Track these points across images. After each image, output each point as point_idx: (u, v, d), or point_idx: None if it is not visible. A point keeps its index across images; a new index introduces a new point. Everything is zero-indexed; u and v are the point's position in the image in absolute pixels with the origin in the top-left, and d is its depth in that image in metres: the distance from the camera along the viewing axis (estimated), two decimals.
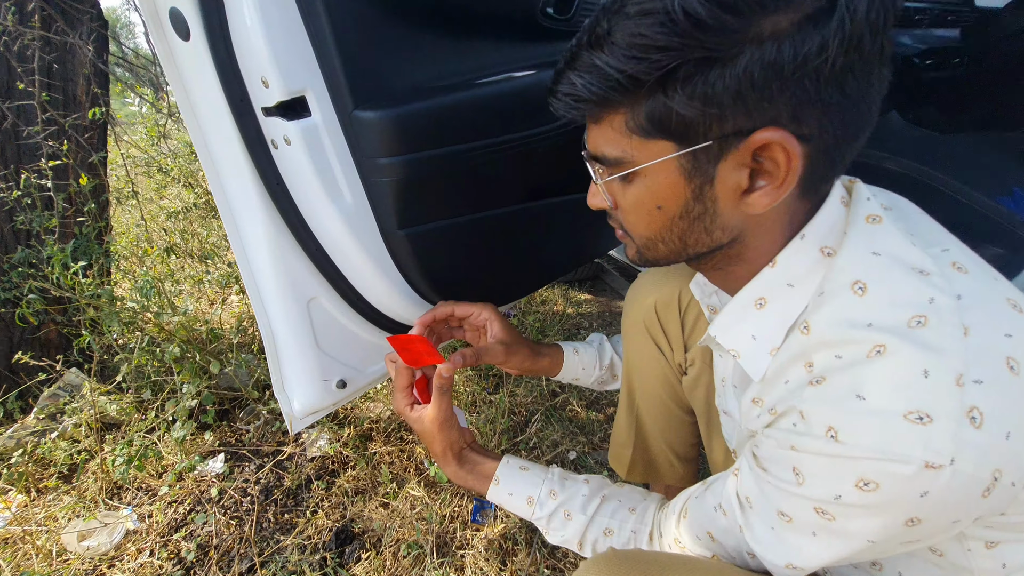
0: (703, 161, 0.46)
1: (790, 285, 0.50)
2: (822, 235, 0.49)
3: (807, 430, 0.45)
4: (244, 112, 0.70)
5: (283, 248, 0.81)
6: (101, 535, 1.20)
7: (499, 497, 0.76)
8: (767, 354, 0.52)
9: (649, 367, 0.91)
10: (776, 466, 0.49)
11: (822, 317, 0.47)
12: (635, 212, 0.53)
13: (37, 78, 1.26)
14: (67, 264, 1.22)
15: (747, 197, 0.47)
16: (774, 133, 0.43)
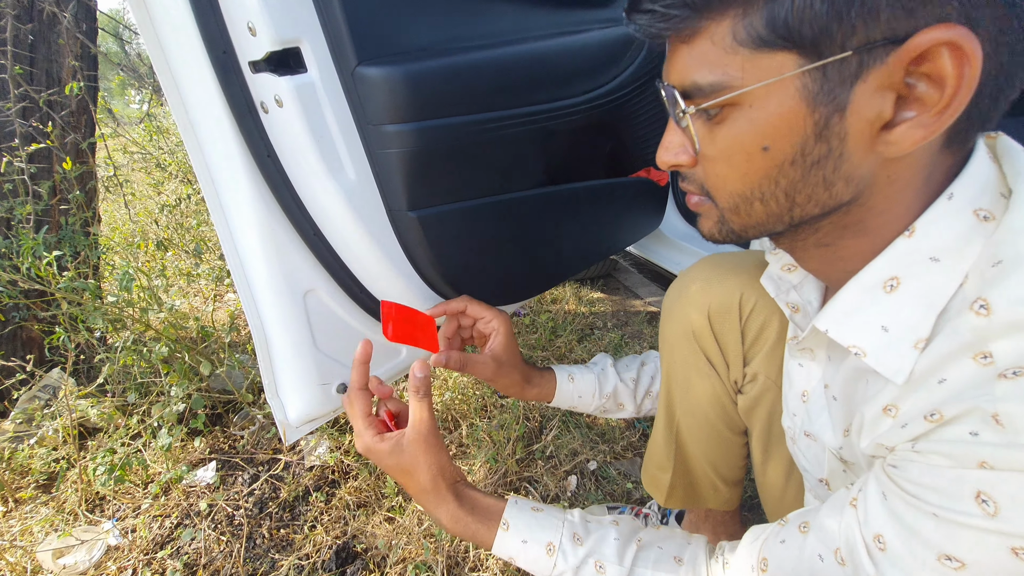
0: (835, 81, 0.35)
1: (934, 259, 0.38)
2: (974, 195, 0.38)
3: (1007, 439, 0.32)
4: (228, 68, 0.59)
5: (275, 232, 0.70)
6: (80, 552, 1.09)
7: (509, 547, 0.61)
8: (910, 348, 0.39)
9: (696, 383, 0.78)
10: (941, 493, 0.36)
11: (1009, 289, 0.34)
12: (729, 159, 0.41)
13: (10, 49, 1.15)
14: (39, 253, 1.12)
15: (888, 134, 0.36)
16: (947, 31, 0.32)
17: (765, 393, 0.71)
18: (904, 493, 0.39)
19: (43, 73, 1.29)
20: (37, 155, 1.33)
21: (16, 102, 1.19)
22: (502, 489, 1.20)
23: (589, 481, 1.22)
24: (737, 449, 0.84)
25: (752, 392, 0.73)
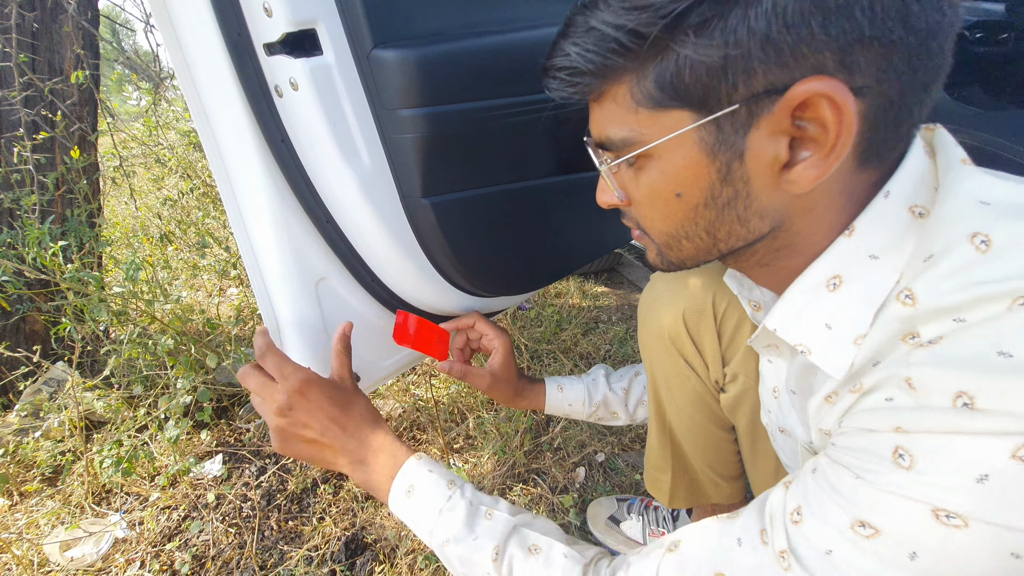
0: (728, 131, 0.38)
1: (873, 257, 0.39)
2: (909, 191, 0.39)
3: (919, 401, 0.33)
4: (242, 51, 0.59)
5: (288, 219, 0.69)
6: (87, 544, 1.09)
7: (416, 472, 0.59)
8: (850, 344, 0.40)
9: (678, 385, 0.80)
10: (860, 454, 0.36)
11: (933, 280, 0.35)
12: (650, 204, 0.45)
13: (15, 37, 1.14)
14: (45, 244, 1.11)
15: (788, 173, 0.38)
16: (818, 83, 0.34)
17: (747, 391, 0.72)
18: (829, 462, 0.39)
19: (45, 63, 1.28)
20: (41, 146, 1.32)
21: (20, 91, 1.18)
22: (510, 481, 1.19)
23: (597, 473, 1.22)
24: (729, 445, 0.85)
25: (734, 391, 0.74)
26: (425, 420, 1.36)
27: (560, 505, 1.13)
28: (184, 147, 3.39)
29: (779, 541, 0.40)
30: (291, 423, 0.61)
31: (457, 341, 0.85)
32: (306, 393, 0.60)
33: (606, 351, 1.65)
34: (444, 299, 0.83)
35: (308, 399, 0.61)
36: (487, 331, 0.82)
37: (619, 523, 1.08)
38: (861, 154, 0.38)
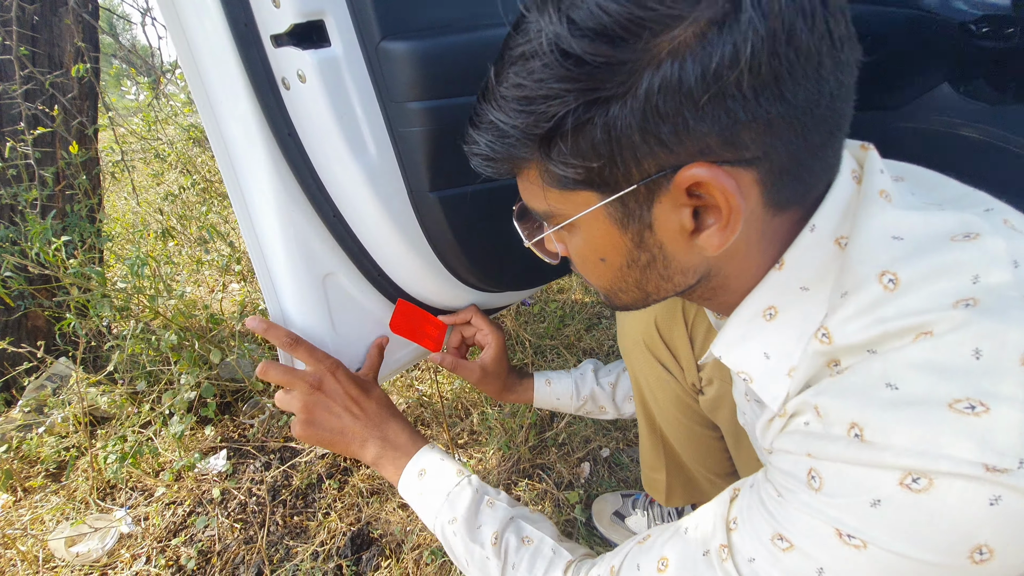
0: (633, 206, 0.39)
1: (804, 288, 0.41)
2: (835, 222, 0.39)
3: (824, 430, 0.36)
4: (249, 42, 0.58)
5: (295, 214, 0.69)
6: (92, 540, 1.09)
7: (429, 458, 0.66)
8: (784, 375, 0.42)
9: (658, 389, 0.81)
10: (785, 473, 0.39)
11: (845, 318, 0.37)
12: (581, 265, 0.48)
13: (15, 30, 1.13)
14: (49, 239, 1.10)
15: (696, 238, 0.40)
16: (700, 170, 0.35)
17: (723, 395, 0.73)
18: (763, 477, 0.42)
19: (45, 56, 1.26)
20: (40, 140, 1.31)
21: (21, 84, 1.16)
22: (515, 476, 1.19)
23: (602, 468, 1.22)
24: (716, 443, 0.85)
25: (711, 393, 0.75)
26: (429, 416, 1.36)
27: (566, 501, 1.13)
28: (184, 142, 3.37)
29: (720, 537, 0.44)
30: (318, 402, 0.67)
31: (453, 338, 0.86)
32: (336, 374, 0.68)
33: (609, 347, 1.65)
34: (450, 294, 0.83)
35: (337, 380, 0.67)
36: (482, 327, 0.84)
37: (624, 519, 1.08)
38: (773, 205, 0.39)
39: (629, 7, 0.31)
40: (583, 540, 1.06)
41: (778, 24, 0.31)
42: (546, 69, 0.34)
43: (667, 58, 0.32)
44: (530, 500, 1.14)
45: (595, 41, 0.32)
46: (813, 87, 0.33)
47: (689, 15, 0.31)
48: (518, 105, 0.37)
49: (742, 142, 0.35)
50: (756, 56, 0.31)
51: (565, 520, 1.10)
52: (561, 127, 0.36)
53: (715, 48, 0.31)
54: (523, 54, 0.36)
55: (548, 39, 0.34)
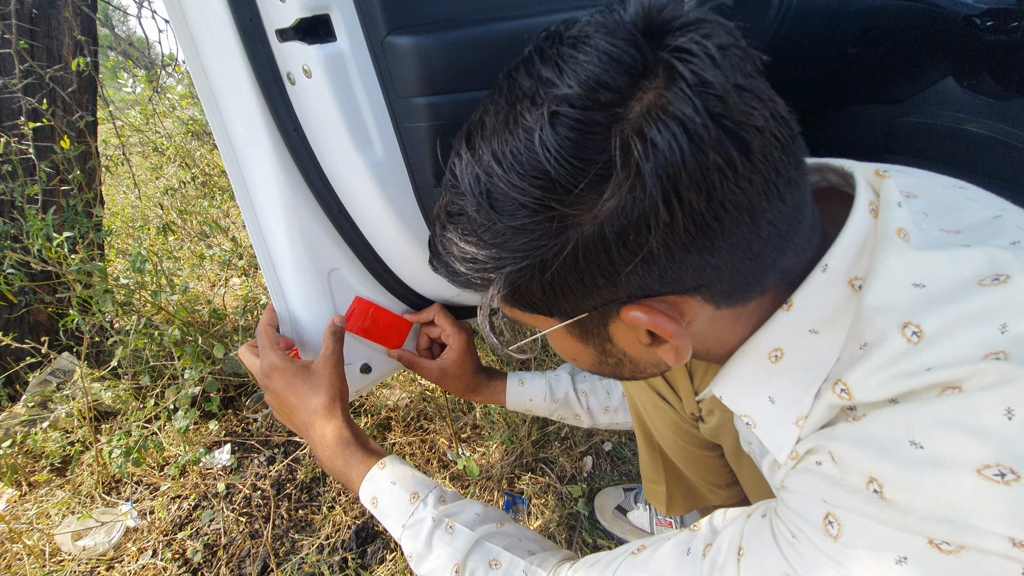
0: (590, 327, 0.41)
1: (813, 332, 0.39)
2: (849, 262, 0.37)
3: (840, 477, 0.34)
4: (254, 36, 0.57)
5: (300, 209, 0.68)
6: (98, 534, 1.09)
7: (378, 484, 0.61)
8: (792, 425, 0.40)
9: (657, 416, 0.80)
10: (797, 517, 0.37)
11: (866, 372, 0.34)
12: (563, 356, 0.49)
13: (14, 23, 1.11)
14: (50, 235, 1.10)
15: (656, 348, 0.40)
16: (636, 313, 0.36)
17: (724, 423, 0.71)
18: (774, 514, 0.40)
19: (44, 50, 1.25)
20: (40, 135, 1.30)
21: (20, 78, 1.15)
22: (519, 470, 1.20)
23: (605, 462, 1.23)
24: (717, 461, 0.84)
25: (712, 423, 0.73)
26: (432, 410, 1.36)
27: (568, 495, 1.14)
28: (182, 135, 3.35)
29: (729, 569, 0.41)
30: (269, 398, 0.67)
31: (421, 339, 0.84)
32: (271, 376, 0.66)
33: None
34: (455, 290, 0.83)
35: (273, 382, 0.66)
36: (445, 326, 0.80)
37: (626, 513, 1.09)
38: (737, 304, 0.38)
39: (539, 194, 0.32)
40: (587, 533, 1.07)
41: (691, 188, 0.30)
42: (475, 233, 0.36)
43: (589, 223, 0.33)
44: (533, 494, 1.15)
45: (516, 213, 0.33)
46: (749, 227, 0.32)
47: (600, 192, 0.31)
48: (454, 263, 0.39)
49: (680, 280, 0.35)
50: (672, 220, 0.31)
51: (568, 513, 1.11)
52: (498, 280, 0.37)
53: (629, 215, 0.31)
54: (452, 211, 0.37)
55: (472, 201, 0.35)
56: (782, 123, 0.32)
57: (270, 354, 0.67)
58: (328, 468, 0.64)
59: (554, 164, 0.31)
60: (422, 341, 0.84)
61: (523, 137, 0.32)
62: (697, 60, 0.29)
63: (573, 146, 0.31)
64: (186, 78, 3.41)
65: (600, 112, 0.30)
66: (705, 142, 0.29)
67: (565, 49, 0.32)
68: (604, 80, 0.30)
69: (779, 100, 0.33)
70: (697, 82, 0.29)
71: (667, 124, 0.29)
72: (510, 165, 0.33)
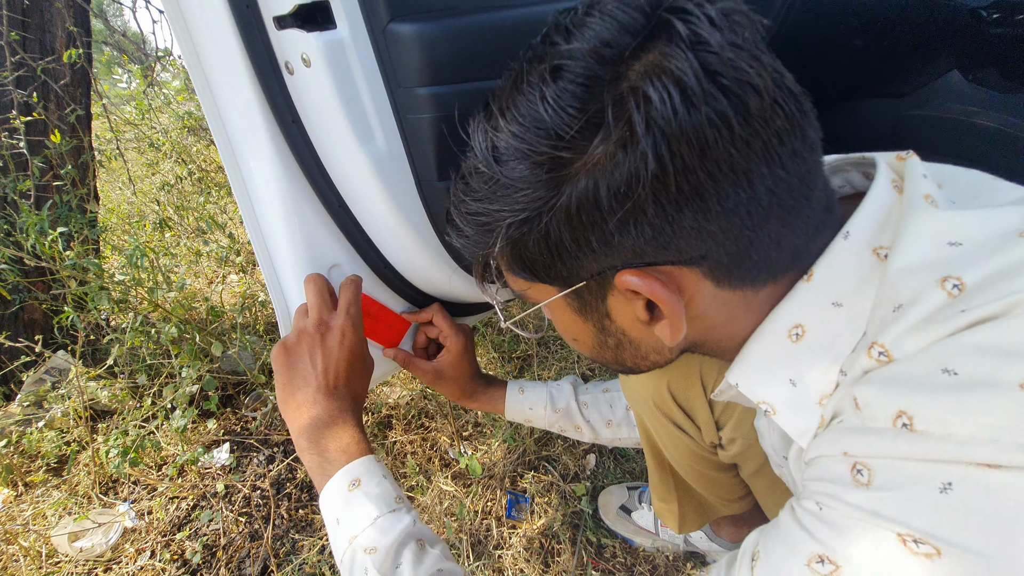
0: (588, 298, 0.41)
1: (836, 304, 0.36)
2: (873, 232, 0.36)
3: (864, 423, 0.32)
4: (251, 24, 0.55)
5: (299, 203, 0.67)
6: (96, 535, 1.08)
7: (370, 471, 0.56)
8: (815, 405, 0.38)
9: (671, 443, 0.77)
10: (821, 482, 0.34)
11: (903, 331, 0.32)
12: (565, 335, 0.49)
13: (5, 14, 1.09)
14: (44, 231, 1.07)
15: (654, 327, 0.39)
16: (630, 277, 0.36)
17: (747, 449, 0.69)
18: (796, 500, 0.37)
19: (36, 42, 1.23)
20: (32, 129, 1.27)
21: (12, 71, 1.13)
22: (521, 468, 1.19)
23: (608, 460, 1.22)
24: (733, 480, 0.82)
25: (733, 450, 0.71)
26: (434, 408, 1.35)
27: (572, 493, 1.13)
28: (178, 131, 3.31)
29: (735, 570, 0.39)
30: (312, 341, 0.61)
31: (419, 335, 0.82)
32: (347, 335, 0.62)
33: None
34: (458, 288, 0.81)
35: (345, 339, 0.62)
36: (444, 327, 0.79)
37: (630, 513, 1.08)
38: (745, 287, 0.37)
39: (535, 140, 0.33)
40: (591, 532, 1.06)
41: (682, 141, 0.30)
42: (481, 188, 0.37)
43: (583, 176, 0.33)
44: (536, 492, 1.13)
45: (515, 164, 0.34)
46: (746, 192, 0.32)
47: (592, 141, 0.32)
48: (467, 217, 0.40)
49: (676, 246, 0.34)
50: (663, 174, 0.31)
51: (572, 512, 1.09)
52: (497, 243, 0.39)
53: (620, 168, 0.31)
54: (465, 172, 0.39)
55: (479, 157, 0.36)
56: (788, 94, 0.32)
57: (360, 321, 0.64)
58: (315, 427, 0.58)
59: (551, 113, 0.32)
60: (419, 340, 0.82)
61: (527, 91, 0.34)
62: (695, 19, 0.30)
63: (570, 96, 0.32)
64: (182, 72, 3.38)
65: (601, 68, 0.31)
66: (698, 98, 0.29)
67: (578, 17, 0.33)
68: (607, 39, 0.31)
69: (788, 75, 0.33)
70: (693, 39, 0.30)
71: (662, 79, 0.30)
72: (512, 117, 0.34)
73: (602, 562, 1.01)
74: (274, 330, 1.53)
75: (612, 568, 1.00)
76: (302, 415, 0.60)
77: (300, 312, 0.66)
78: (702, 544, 1.01)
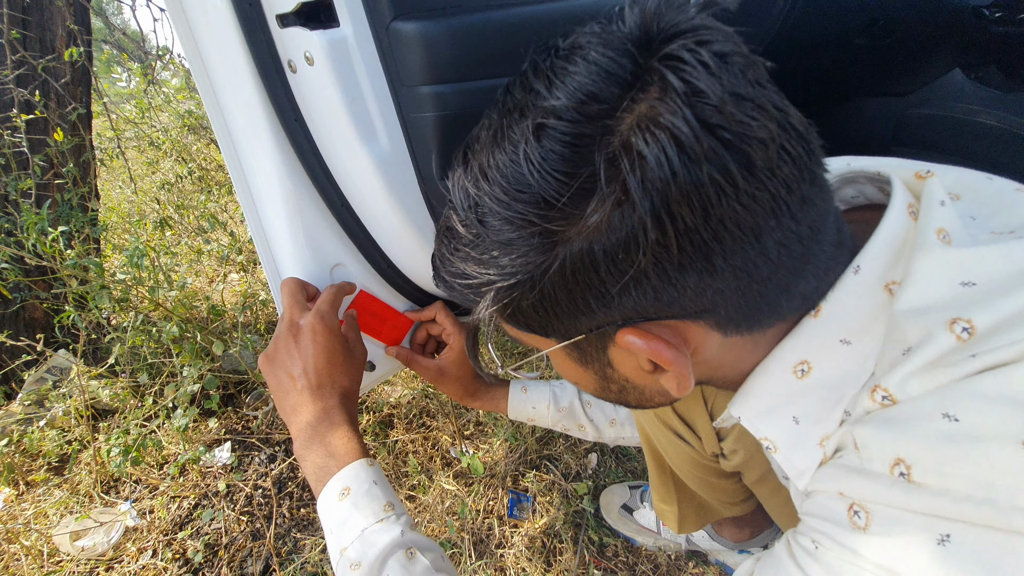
0: (588, 351, 0.39)
1: (844, 342, 0.35)
2: (885, 267, 0.34)
3: (861, 464, 0.31)
4: (253, 22, 0.55)
5: (302, 202, 0.67)
6: (97, 534, 1.08)
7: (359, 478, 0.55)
8: (815, 446, 0.37)
9: (673, 451, 0.77)
10: (817, 519, 0.33)
11: (908, 375, 0.31)
12: (566, 380, 0.48)
13: (6, 12, 1.08)
14: (44, 229, 1.07)
15: (659, 377, 0.38)
16: (631, 337, 0.34)
17: (750, 459, 0.69)
18: (793, 532, 0.36)
19: (36, 40, 1.22)
20: (33, 127, 1.27)
21: (12, 69, 1.12)
22: (523, 467, 1.19)
23: (610, 459, 1.22)
24: (734, 485, 0.82)
25: (735, 460, 0.70)
26: (435, 407, 1.35)
27: (574, 492, 1.12)
28: (178, 129, 3.31)
29: None
30: (288, 341, 0.60)
31: (420, 332, 0.82)
32: (317, 331, 0.60)
33: None
34: None
35: (316, 336, 0.59)
36: (447, 325, 0.78)
37: (632, 512, 1.08)
38: (753, 330, 0.35)
39: (522, 208, 0.31)
40: (592, 531, 1.06)
41: (683, 203, 0.28)
42: (465, 249, 0.35)
43: (577, 239, 0.31)
44: (538, 491, 1.13)
45: (502, 228, 0.32)
46: (754, 248, 0.30)
47: (585, 209, 0.30)
48: (454, 277, 0.38)
49: (680, 304, 0.32)
50: (664, 238, 0.29)
51: (574, 511, 1.09)
52: (496, 299, 0.36)
53: (617, 233, 0.29)
54: (447, 225, 0.37)
55: (462, 216, 0.34)
56: (794, 136, 0.29)
57: (335, 314, 0.63)
58: (307, 431, 0.57)
59: (537, 177, 0.30)
60: (420, 336, 0.82)
61: (509, 150, 0.31)
62: (689, 68, 0.27)
63: (558, 159, 0.29)
64: (181, 71, 3.37)
65: (588, 125, 0.29)
66: (698, 154, 0.27)
67: (558, 62, 0.31)
68: (593, 92, 0.29)
69: (793, 111, 0.30)
70: (689, 91, 0.27)
71: (656, 136, 0.27)
72: (495, 179, 0.32)
73: (604, 561, 1.01)
74: (275, 329, 1.53)
75: (614, 567, 1.00)
76: (293, 421, 0.59)
77: (280, 319, 0.64)
78: (704, 543, 1.01)
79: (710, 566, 1.01)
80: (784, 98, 0.30)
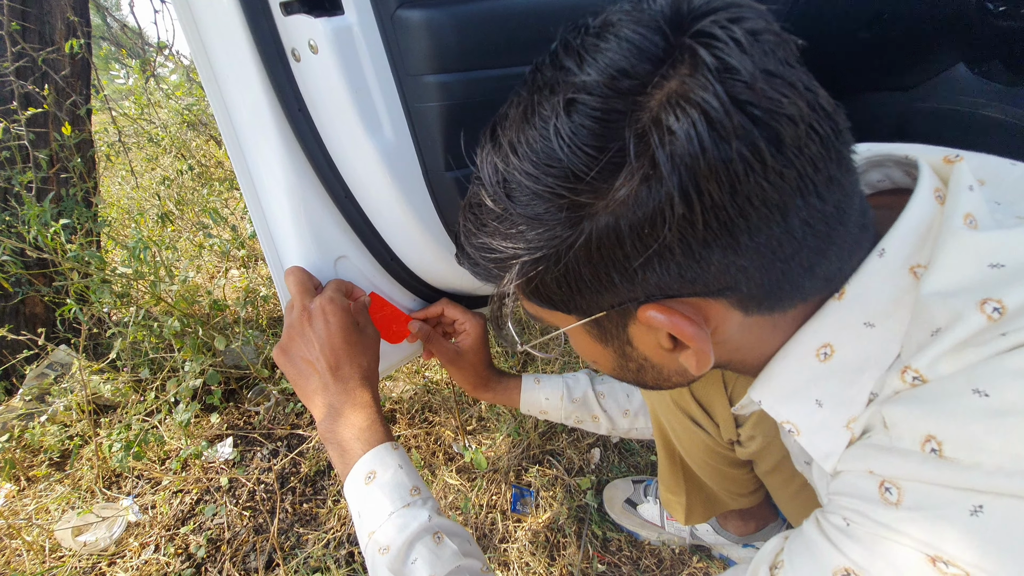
0: (608, 328, 0.39)
1: (868, 325, 0.35)
2: (911, 250, 0.34)
3: (891, 442, 0.31)
4: (256, 10, 0.54)
5: (305, 194, 0.66)
6: (99, 529, 1.07)
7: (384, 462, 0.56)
8: (842, 428, 0.37)
9: (687, 438, 0.76)
10: (848, 497, 0.33)
11: (938, 355, 0.31)
12: (584, 359, 0.47)
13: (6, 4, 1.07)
14: (46, 222, 1.07)
15: (678, 355, 0.38)
16: (654, 312, 0.35)
17: (766, 447, 0.68)
18: (822, 511, 0.36)
19: (36, 32, 1.21)
20: (33, 120, 1.26)
21: (12, 61, 1.12)
22: (526, 462, 1.19)
23: (613, 454, 1.21)
24: (745, 475, 0.82)
25: (751, 448, 0.70)
26: (437, 402, 1.34)
27: (577, 487, 1.12)
28: (177, 125, 3.30)
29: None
30: (302, 330, 0.60)
31: (433, 330, 0.81)
32: (328, 312, 0.60)
33: None
34: (465, 279, 0.80)
35: (328, 316, 0.60)
36: (458, 315, 0.77)
37: (636, 506, 1.07)
38: (774, 311, 0.36)
39: (551, 182, 0.31)
40: (596, 526, 1.06)
41: (711, 178, 0.28)
42: (492, 224, 0.35)
43: (604, 213, 0.31)
44: (541, 486, 1.13)
45: (530, 202, 0.33)
46: (780, 226, 0.30)
47: (614, 183, 0.30)
48: (479, 251, 0.38)
49: (703, 280, 0.32)
50: (690, 213, 0.29)
51: (577, 506, 1.09)
52: (521, 272, 0.36)
53: (644, 207, 0.30)
54: (473, 202, 0.37)
55: (489, 192, 0.34)
56: (823, 115, 0.30)
57: (344, 299, 0.63)
58: (331, 414, 0.58)
59: (567, 152, 0.30)
60: (433, 331, 0.80)
61: (539, 125, 0.31)
62: (721, 45, 0.27)
63: (588, 134, 0.30)
64: (180, 67, 3.35)
65: (619, 100, 0.29)
66: (728, 130, 0.27)
67: (589, 39, 0.31)
68: (624, 68, 0.29)
69: (821, 91, 0.30)
70: (721, 67, 0.27)
71: (686, 111, 0.27)
72: (524, 153, 0.32)
73: (608, 555, 1.01)
74: (277, 324, 1.53)
75: (618, 561, 1.00)
76: (317, 406, 0.59)
77: (288, 309, 0.64)
78: (708, 537, 1.01)
79: (714, 560, 1.01)
80: (813, 78, 0.30)
